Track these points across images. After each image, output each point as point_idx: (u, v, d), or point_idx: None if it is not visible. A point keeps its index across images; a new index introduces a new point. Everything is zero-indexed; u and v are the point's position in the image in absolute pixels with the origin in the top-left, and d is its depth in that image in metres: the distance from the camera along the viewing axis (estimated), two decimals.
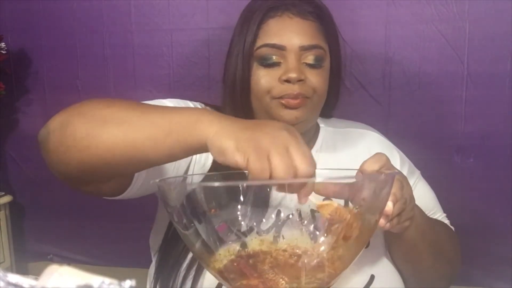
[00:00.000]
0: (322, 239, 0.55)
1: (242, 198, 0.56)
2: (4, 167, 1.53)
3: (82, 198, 0.84)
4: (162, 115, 0.59)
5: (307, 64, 0.80)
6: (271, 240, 0.60)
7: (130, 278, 0.30)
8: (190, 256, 0.76)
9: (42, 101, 1.47)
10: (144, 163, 0.64)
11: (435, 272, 0.84)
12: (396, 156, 0.92)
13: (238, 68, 0.81)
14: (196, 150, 0.56)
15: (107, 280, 0.29)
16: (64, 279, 0.30)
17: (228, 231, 0.56)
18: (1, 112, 1.47)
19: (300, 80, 0.78)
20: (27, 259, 1.61)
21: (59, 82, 1.45)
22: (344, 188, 0.59)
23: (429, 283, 0.85)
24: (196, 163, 0.81)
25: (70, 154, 0.60)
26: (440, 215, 0.94)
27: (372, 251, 0.79)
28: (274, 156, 0.48)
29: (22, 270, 1.56)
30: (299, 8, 0.81)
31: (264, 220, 0.60)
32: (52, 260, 1.57)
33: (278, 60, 0.79)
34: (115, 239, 1.48)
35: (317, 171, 0.61)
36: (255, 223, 0.58)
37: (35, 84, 1.48)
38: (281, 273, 0.53)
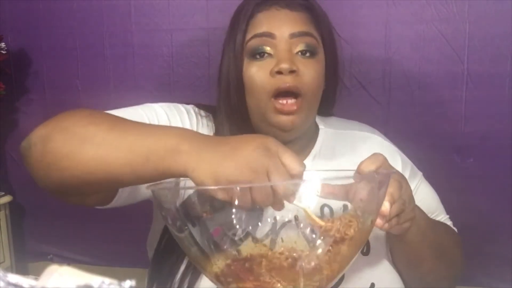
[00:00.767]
0: (319, 242, 0.55)
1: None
2: (4, 167, 1.53)
3: None
4: (140, 138, 0.57)
5: (299, 52, 0.77)
6: (268, 244, 0.59)
7: (130, 278, 0.30)
8: (183, 266, 0.75)
9: (42, 101, 1.47)
10: (124, 185, 0.64)
11: (437, 274, 0.83)
12: (398, 159, 0.90)
13: (231, 68, 0.79)
14: (178, 176, 0.56)
15: (107, 280, 0.29)
16: (64, 279, 0.30)
17: (223, 235, 0.56)
18: (1, 112, 1.47)
19: (292, 72, 0.75)
20: (27, 259, 1.61)
21: (59, 82, 1.45)
22: (342, 189, 0.58)
23: (430, 285, 0.84)
24: None
25: (50, 171, 0.60)
26: (443, 217, 0.92)
27: (373, 258, 0.78)
28: (254, 190, 0.50)
29: (22, 270, 1.56)
30: (287, 1, 0.80)
31: (260, 224, 0.59)
32: (52, 260, 1.57)
33: (269, 52, 0.77)
34: (115, 239, 1.48)
35: (314, 172, 0.61)
36: (251, 227, 0.58)
37: (35, 84, 1.48)
38: (277, 276, 0.53)
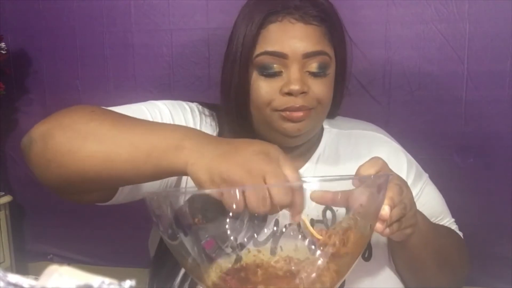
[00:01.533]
0: (319, 253, 0.54)
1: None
2: (4, 167, 1.53)
3: None
4: (142, 134, 0.57)
5: (310, 72, 0.74)
6: (268, 252, 0.58)
7: (130, 278, 0.30)
8: (182, 272, 0.75)
9: (42, 101, 1.47)
10: (125, 183, 0.64)
11: (440, 280, 0.81)
12: (403, 159, 0.87)
13: (234, 75, 0.76)
14: (178, 174, 0.55)
15: (107, 280, 0.29)
16: (64, 279, 0.30)
17: (216, 247, 0.55)
18: (1, 112, 1.47)
19: (303, 93, 0.72)
20: (27, 259, 1.61)
21: (59, 82, 1.45)
22: (341, 196, 0.57)
23: None
24: None
25: (51, 168, 0.60)
26: (448, 221, 0.90)
27: (375, 264, 0.77)
28: (247, 190, 0.48)
29: (22, 270, 1.56)
30: (302, 12, 0.74)
31: (260, 233, 0.59)
32: (52, 260, 1.57)
33: (279, 69, 0.74)
34: (115, 239, 1.48)
35: (314, 179, 0.61)
36: (250, 235, 0.57)
37: (35, 84, 1.48)
38: (273, 285, 0.52)
